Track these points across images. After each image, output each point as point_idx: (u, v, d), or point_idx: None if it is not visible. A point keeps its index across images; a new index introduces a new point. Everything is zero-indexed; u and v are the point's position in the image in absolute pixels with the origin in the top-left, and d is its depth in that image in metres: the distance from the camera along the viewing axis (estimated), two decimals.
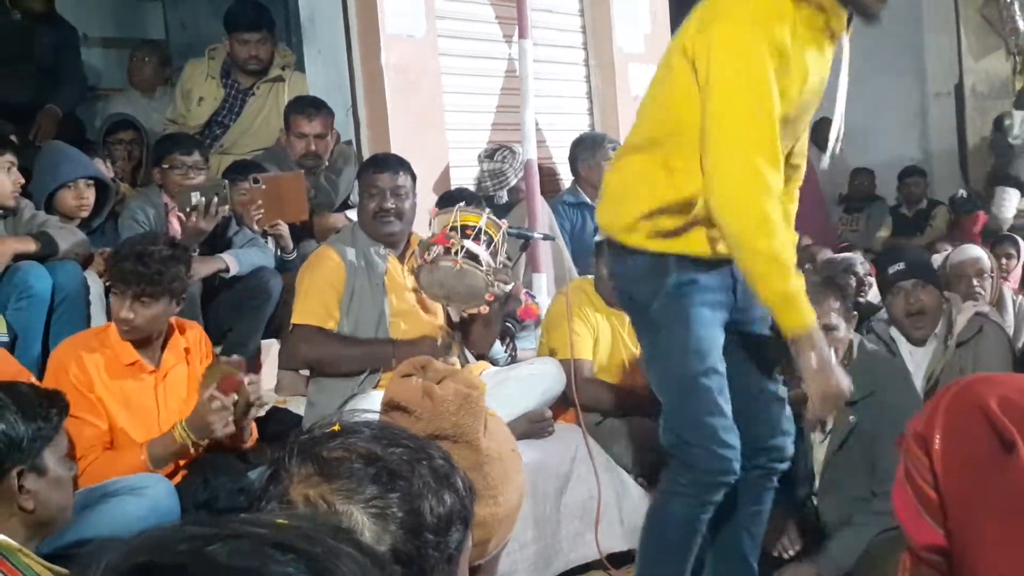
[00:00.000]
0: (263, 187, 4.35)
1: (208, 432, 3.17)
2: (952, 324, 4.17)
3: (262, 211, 4.36)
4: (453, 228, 3.70)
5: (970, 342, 4.14)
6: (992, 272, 5.28)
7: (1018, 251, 6.19)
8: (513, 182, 5.51)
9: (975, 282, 5.11)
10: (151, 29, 7.14)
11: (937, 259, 5.48)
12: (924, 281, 4.20)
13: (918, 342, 4.21)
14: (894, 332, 4.26)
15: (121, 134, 5.07)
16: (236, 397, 3.20)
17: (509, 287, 3.91)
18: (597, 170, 5.44)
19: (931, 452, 1.36)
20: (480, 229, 3.71)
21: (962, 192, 8.59)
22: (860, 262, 5.49)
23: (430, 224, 3.87)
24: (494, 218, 3.86)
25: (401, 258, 3.93)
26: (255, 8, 5.27)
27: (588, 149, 5.53)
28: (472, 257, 3.66)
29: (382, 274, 3.87)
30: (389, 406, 1.64)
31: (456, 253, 3.64)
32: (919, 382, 4.10)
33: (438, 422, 1.58)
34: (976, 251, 5.39)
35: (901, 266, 4.26)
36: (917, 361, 4.19)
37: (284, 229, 4.50)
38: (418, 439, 1.27)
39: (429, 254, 3.69)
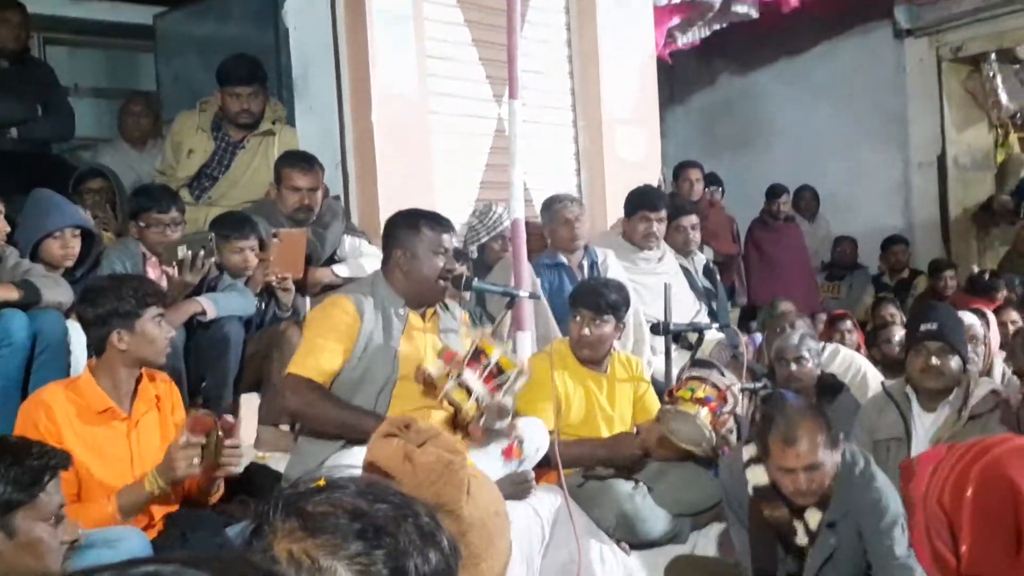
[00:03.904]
0: (280, 242, 4.48)
1: (172, 473, 3.13)
2: (968, 397, 4.13)
3: (272, 265, 4.46)
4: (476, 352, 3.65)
5: (982, 417, 4.09)
6: (985, 340, 5.27)
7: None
8: (484, 239, 5.55)
9: (968, 347, 5.11)
10: (143, 80, 7.16)
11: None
12: (951, 348, 4.15)
13: (929, 406, 4.17)
14: (910, 391, 4.22)
15: (90, 183, 4.95)
16: (205, 440, 3.15)
17: (503, 424, 3.79)
18: (559, 229, 5.54)
19: (957, 532, 1.34)
20: (490, 361, 3.64)
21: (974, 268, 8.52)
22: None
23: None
24: (511, 355, 3.81)
25: (423, 316, 3.90)
26: (249, 62, 5.29)
27: (545, 211, 5.68)
28: (466, 384, 3.60)
29: (399, 332, 3.80)
30: (370, 468, 1.62)
31: (452, 377, 3.59)
32: (924, 446, 4.07)
33: (418, 492, 1.55)
34: (969, 317, 5.35)
35: (934, 327, 4.18)
36: (926, 427, 4.16)
37: (291, 286, 4.51)
38: (404, 495, 1.25)
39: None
